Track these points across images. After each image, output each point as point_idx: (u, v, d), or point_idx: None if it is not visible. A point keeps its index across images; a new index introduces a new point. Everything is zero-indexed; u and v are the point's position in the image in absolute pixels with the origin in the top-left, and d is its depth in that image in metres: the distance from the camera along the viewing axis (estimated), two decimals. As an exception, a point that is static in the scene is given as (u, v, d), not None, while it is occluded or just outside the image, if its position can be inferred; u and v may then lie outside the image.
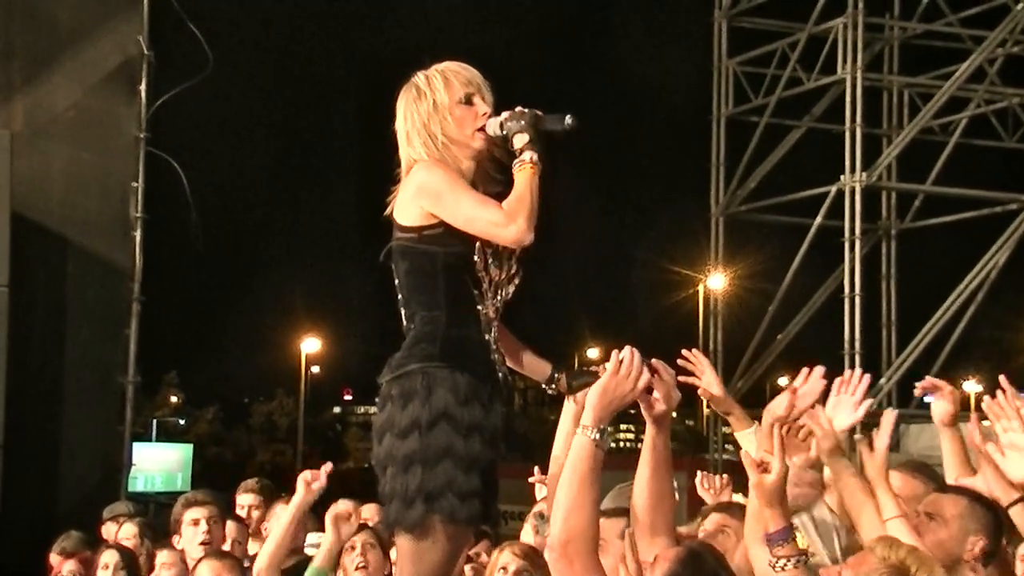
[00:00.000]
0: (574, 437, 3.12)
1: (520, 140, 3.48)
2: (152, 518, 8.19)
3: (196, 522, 5.42)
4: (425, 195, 3.45)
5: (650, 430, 3.30)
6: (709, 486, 4.83)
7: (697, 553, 3.12)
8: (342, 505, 4.93)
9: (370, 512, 5.73)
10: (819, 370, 3.46)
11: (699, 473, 4.79)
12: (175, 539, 5.55)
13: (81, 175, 10.16)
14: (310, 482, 4.77)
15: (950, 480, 4.11)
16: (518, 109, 3.52)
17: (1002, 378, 3.69)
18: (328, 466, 4.86)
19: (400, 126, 3.59)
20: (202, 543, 5.34)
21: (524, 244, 3.46)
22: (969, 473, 4.08)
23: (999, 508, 3.62)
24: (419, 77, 3.59)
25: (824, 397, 3.62)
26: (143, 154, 10.43)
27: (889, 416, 3.78)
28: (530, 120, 3.49)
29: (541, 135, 3.49)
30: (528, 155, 3.46)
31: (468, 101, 3.54)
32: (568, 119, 3.51)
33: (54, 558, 6.30)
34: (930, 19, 22.30)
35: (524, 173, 3.45)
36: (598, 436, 3.05)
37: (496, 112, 3.56)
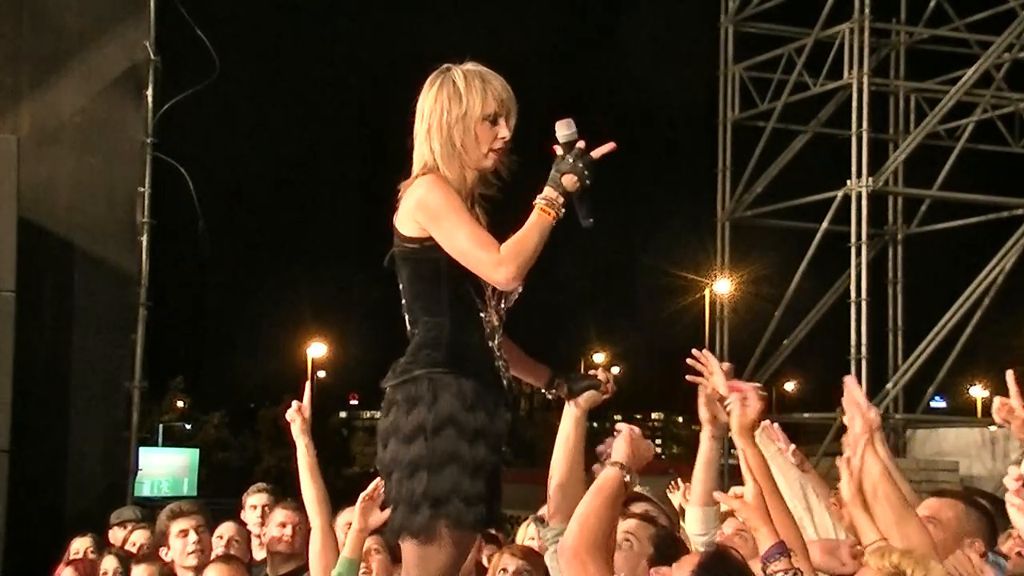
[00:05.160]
0: (605, 469, 3.27)
1: (569, 181, 3.40)
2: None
3: (185, 533, 5.41)
4: (423, 213, 3.42)
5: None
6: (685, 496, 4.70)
7: (722, 555, 3.17)
8: (376, 482, 4.82)
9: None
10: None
11: (674, 481, 4.68)
12: (162, 551, 5.53)
13: (88, 180, 10.18)
14: (299, 408, 4.71)
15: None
16: (592, 153, 3.43)
17: (1009, 375, 3.64)
18: (307, 388, 4.82)
19: (425, 115, 3.52)
20: (193, 552, 5.33)
21: (508, 290, 3.46)
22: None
23: (998, 509, 3.63)
24: (458, 75, 3.51)
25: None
26: (150, 159, 10.44)
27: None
28: (584, 180, 3.41)
29: (573, 195, 3.43)
30: (560, 199, 3.40)
31: (494, 120, 3.50)
32: (591, 220, 3.47)
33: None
34: (937, 24, 22.33)
35: (543, 217, 3.39)
36: (628, 478, 3.25)
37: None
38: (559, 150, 3.46)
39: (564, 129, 3.46)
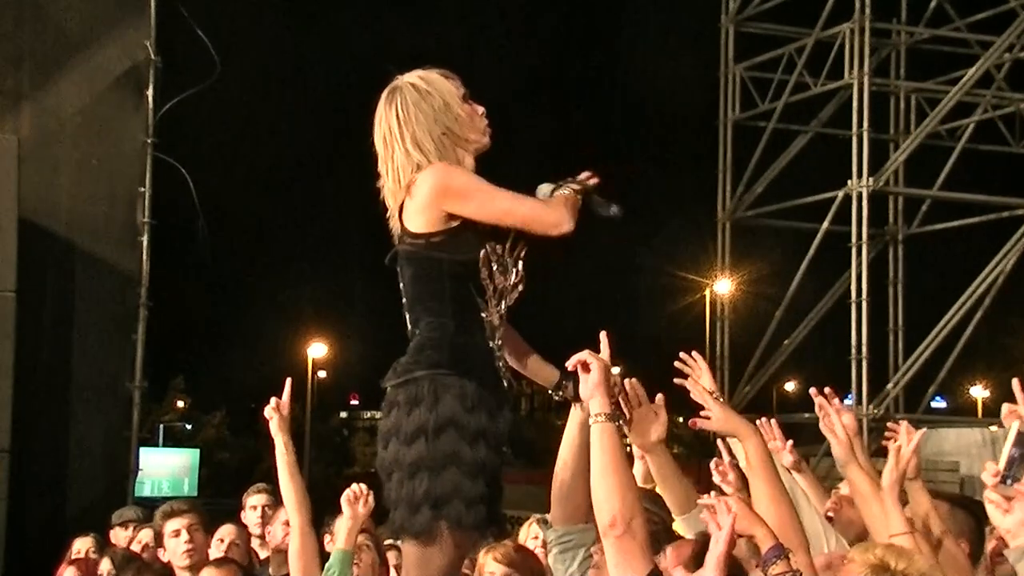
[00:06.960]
0: (595, 428, 3.20)
1: (569, 188, 3.48)
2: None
3: (177, 533, 5.40)
4: (449, 197, 3.41)
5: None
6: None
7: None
8: (355, 486, 4.77)
9: None
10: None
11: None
12: (160, 552, 5.54)
13: (89, 181, 10.19)
14: (277, 406, 4.66)
15: None
16: (580, 177, 3.51)
17: (1015, 382, 3.63)
18: (288, 383, 4.76)
19: (401, 130, 3.49)
20: (186, 552, 5.33)
21: (564, 232, 3.43)
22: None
23: (980, 512, 3.63)
24: (411, 79, 3.53)
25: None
26: (150, 159, 10.45)
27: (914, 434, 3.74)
28: (576, 193, 3.47)
29: (586, 204, 3.47)
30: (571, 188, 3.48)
31: (466, 99, 3.53)
32: (615, 208, 3.50)
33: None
34: (937, 24, 22.35)
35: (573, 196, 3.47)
36: (621, 421, 3.24)
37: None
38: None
39: (605, 208, 3.53)
